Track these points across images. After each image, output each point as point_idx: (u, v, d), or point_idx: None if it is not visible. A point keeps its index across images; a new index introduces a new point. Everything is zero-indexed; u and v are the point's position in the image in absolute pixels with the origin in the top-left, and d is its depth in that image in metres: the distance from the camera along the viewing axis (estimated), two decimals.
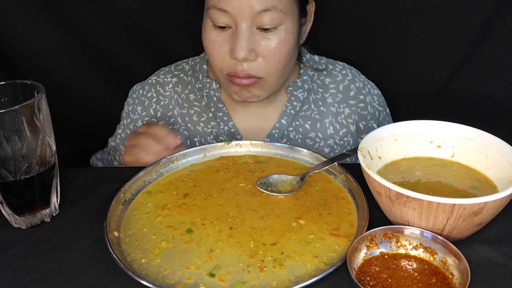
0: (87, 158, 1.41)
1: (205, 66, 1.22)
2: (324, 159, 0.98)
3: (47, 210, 0.89)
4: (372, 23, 1.33)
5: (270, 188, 0.92)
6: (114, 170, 1.18)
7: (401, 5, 1.29)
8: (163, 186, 0.95)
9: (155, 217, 0.87)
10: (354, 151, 0.90)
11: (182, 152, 1.01)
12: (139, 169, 0.96)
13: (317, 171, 0.95)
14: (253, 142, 1.05)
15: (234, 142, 1.04)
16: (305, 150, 1.01)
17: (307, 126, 1.21)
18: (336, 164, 0.95)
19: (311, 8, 1.12)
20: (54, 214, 0.90)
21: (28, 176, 0.83)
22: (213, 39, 1.05)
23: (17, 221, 0.87)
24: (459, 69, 1.30)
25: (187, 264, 0.76)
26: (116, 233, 0.83)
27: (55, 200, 0.90)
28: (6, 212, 0.86)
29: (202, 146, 1.03)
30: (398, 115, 1.33)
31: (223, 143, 1.04)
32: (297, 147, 1.03)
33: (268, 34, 1.02)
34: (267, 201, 0.90)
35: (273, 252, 0.78)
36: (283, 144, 1.04)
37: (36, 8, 1.33)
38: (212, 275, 0.74)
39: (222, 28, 1.03)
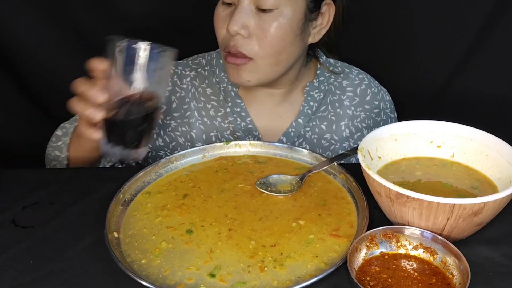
0: None
1: (221, 61, 1.23)
2: (323, 159, 0.98)
3: (138, 150, 0.88)
4: (371, 23, 1.33)
5: (269, 188, 0.92)
6: (114, 170, 1.18)
7: (401, 6, 1.29)
8: (163, 186, 0.95)
9: (155, 218, 0.87)
10: (354, 151, 0.90)
11: (182, 152, 1.01)
12: (138, 169, 0.96)
13: (316, 171, 0.95)
14: (252, 142, 1.05)
15: (233, 143, 1.04)
16: (304, 150, 1.01)
17: (323, 127, 1.21)
18: (336, 164, 0.95)
19: (327, 9, 1.12)
20: (140, 159, 0.90)
21: (137, 116, 0.84)
22: (219, 14, 1.09)
23: (111, 152, 0.86)
24: (459, 69, 1.30)
25: (188, 265, 0.76)
26: (115, 234, 0.83)
27: (146, 144, 0.89)
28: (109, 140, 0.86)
29: (201, 146, 1.03)
30: (398, 115, 1.33)
31: (222, 143, 1.04)
32: (296, 147, 1.03)
33: (264, 15, 1.04)
34: (266, 202, 0.90)
35: (273, 253, 0.78)
36: (283, 144, 1.04)
37: (36, 8, 1.33)
38: (212, 275, 0.74)
39: (228, 4, 1.07)
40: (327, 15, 1.13)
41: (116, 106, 0.83)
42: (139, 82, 0.82)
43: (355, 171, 0.89)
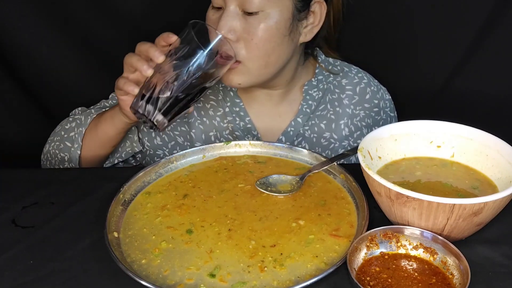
0: None
1: None
2: (323, 159, 0.98)
3: (164, 117, 0.94)
4: (371, 23, 1.33)
5: (269, 188, 0.92)
6: (114, 170, 1.18)
7: (401, 5, 1.29)
8: (163, 186, 0.95)
9: (155, 218, 0.87)
10: (354, 151, 0.90)
11: (182, 152, 1.01)
12: (138, 169, 0.96)
13: (316, 171, 0.95)
14: (252, 142, 1.05)
15: (233, 143, 1.04)
16: (304, 150, 1.01)
17: (322, 125, 1.21)
18: (336, 164, 0.95)
19: (318, 8, 1.11)
20: (160, 130, 0.95)
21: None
22: (209, 18, 1.09)
23: (139, 107, 0.93)
24: (459, 69, 1.30)
25: (188, 265, 0.76)
26: (115, 234, 0.83)
27: (174, 116, 0.96)
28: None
29: (201, 146, 1.03)
30: (398, 115, 1.33)
31: (222, 143, 1.04)
32: (296, 147, 1.03)
33: (250, 18, 1.04)
34: (266, 202, 0.90)
35: (273, 253, 0.78)
36: (283, 144, 1.04)
37: (36, 9, 1.33)
38: (212, 275, 0.74)
39: (218, 8, 1.07)
40: (318, 14, 1.12)
41: (166, 73, 0.93)
42: (196, 64, 0.93)
43: (355, 171, 0.89)
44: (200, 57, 0.93)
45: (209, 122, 1.21)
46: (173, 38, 0.96)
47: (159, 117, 0.93)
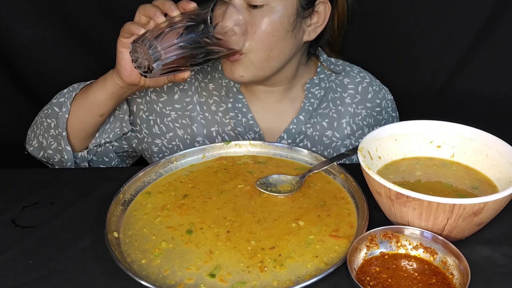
0: None
1: None
2: (323, 159, 0.98)
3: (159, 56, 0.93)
4: (371, 22, 1.33)
5: (269, 188, 0.92)
6: (114, 170, 1.18)
7: (401, 5, 1.29)
8: (162, 186, 0.95)
9: (155, 218, 0.87)
10: (353, 150, 0.90)
11: (182, 152, 1.01)
12: (138, 169, 0.96)
13: (316, 171, 0.95)
14: (252, 142, 1.05)
15: (233, 143, 1.04)
16: (304, 150, 1.01)
17: (324, 124, 1.22)
18: (336, 164, 0.95)
19: (322, 8, 1.12)
20: (150, 76, 0.93)
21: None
22: (215, 11, 1.09)
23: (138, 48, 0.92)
24: (459, 69, 1.30)
25: (188, 265, 0.76)
26: (115, 234, 0.83)
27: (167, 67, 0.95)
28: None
29: (201, 146, 1.03)
30: (398, 115, 1.33)
31: (222, 144, 1.04)
32: (296, 147, 1.03)
33: (254, 11, 1.05)
34: (265, 203, 0.89)
35: (272, 255, 0.78)
36: (282, 144, 1.04)
37: (37, 9, 1.33)
38: (212, 275, 0.74)
39: (225, 2, 1.08)
40: (322, 14, 1.13)
41: (177, 22, 0.94)
42: (207, 27, 0.97)
43: (355, 171, 0.89)
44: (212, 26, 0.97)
45: (211, 117, 1.21)
46: (191, 5, 0.97)
47: (157, 54, 0.91)
